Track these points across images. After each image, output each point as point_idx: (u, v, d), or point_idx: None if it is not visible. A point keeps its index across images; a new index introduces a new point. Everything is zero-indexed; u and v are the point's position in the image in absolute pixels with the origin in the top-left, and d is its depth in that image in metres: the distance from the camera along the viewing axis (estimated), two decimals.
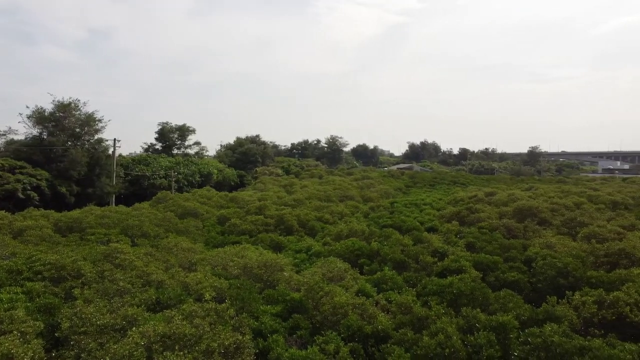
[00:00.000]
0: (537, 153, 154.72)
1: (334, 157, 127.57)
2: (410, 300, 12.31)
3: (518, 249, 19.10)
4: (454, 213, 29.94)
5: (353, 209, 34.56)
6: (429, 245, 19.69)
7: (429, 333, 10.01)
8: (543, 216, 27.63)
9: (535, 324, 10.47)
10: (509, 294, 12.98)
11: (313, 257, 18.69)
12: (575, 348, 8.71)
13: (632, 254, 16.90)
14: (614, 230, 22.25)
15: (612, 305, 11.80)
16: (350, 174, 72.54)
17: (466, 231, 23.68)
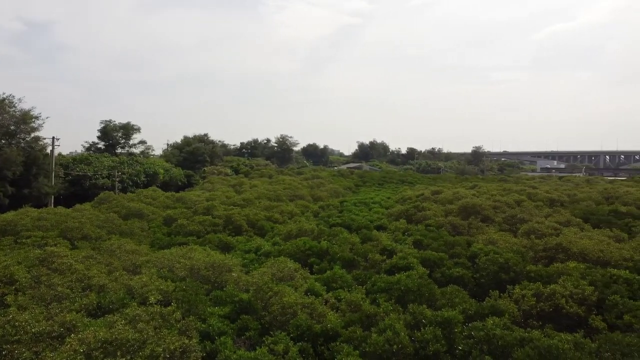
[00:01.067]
0: (481, 153, 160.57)
1: (284, 157, 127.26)
2: (359, 298, 12.40)
3: (463, 246, 19.68)
4: (402, 211, 30.52)
5: (303, 208, 34.57)
6: (377, 244, 19.96)
7: (378, 330, 10.12)
8: (486, 213, 28.63)
9: (479, 318, 10.80)
10: (455, 289, 13.34)
11: (262, 257, 18.52)
12: (516, 340, 9.04)
13: (568, 249, 17.78)
14: (552, 226, 23.38)
15: (550, 297, 12.36)
16: (301, 173, 72.58)
17: (414, 229, 24.18)
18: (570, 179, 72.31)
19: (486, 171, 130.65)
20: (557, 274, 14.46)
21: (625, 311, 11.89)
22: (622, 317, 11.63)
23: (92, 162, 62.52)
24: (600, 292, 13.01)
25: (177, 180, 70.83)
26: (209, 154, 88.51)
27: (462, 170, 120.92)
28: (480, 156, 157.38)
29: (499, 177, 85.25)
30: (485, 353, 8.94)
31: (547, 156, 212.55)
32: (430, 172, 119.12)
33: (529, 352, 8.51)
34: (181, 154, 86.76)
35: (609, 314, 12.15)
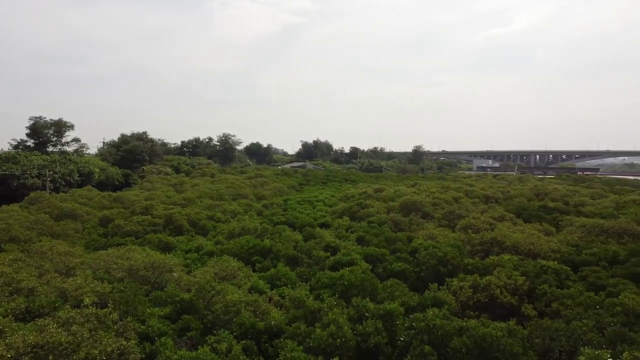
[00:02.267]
0: (421, 152, 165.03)
1: (227, 156, 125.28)
2: (303, 294, 12.42)
3: (404, 241, 20.15)
4: (345, 209, 30.85)
5: (246, 207, 34.21)
6: (321, 241, 20.06)
7: (321, 325, 10.18)
8: (426, 210, 29.47)
9: (420, 310, 11.10)
10: (396, 282, 13.65)
11: (205, 257, 18.17)
12: (454, 329, 9.37)
13: (502, 242, 18.63)
14: (487, 221, 24.40)
15: (485, 288, 12.90)
16: (244, 172, 71.76)
17: (357, 226, 24.51)
18: (504, 177, 75.90)
19: (426, 170, 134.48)
20: (492, 266, 15.11)
21: (553, 299, 12.61)
22: (551, 305, 12.33)
23: (20, 160, 58.91)
24: (531, 282, 13.72)
25: (114, 179, 68.11)
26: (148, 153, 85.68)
27: (403, 169, 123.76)
28: (421, 155, 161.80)
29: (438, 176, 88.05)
30: (426, 343, 9.20)
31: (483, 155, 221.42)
32: (372, 170, 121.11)
33: (465, 340, 8.84)
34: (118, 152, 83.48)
35: (539, 302, 12.84)
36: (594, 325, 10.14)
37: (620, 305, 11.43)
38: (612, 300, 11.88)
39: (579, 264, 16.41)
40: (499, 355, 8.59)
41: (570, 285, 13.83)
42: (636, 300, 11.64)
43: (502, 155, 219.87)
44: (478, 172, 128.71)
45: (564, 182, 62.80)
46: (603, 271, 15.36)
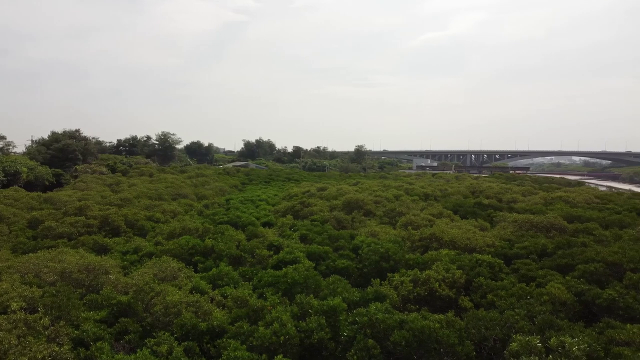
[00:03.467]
0: (363, 151, 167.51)
1: (166, 155, 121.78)
2: (246, 293, 12.30)
3: (346, 239, 20.40)
4: (288, 207, 30.83)
5: (187, 207, 33.42)
6: (264, 239, 19.97)
7: (265, 323, 10.12)
8: (368, 208, 29.99)
9: (363, 305, 11.26)
10: (339, 279, 13.80)
11: (144, 258, 17.57)
12: (396, 322, 9.58)
13: (441, 238, 19.26)
14: (426, 218, 25.16)
15: (425, 282, 13.28)
16: (184, 171, 70.08)
17: (300, 224, 24.55)
18: (442, 176, 78.54)
19: (368, 169, 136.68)
20: (431, 260, 15.59)
21: (488, 291, 13.18)
22: (486, 297, 12.87)
23: None
24: (468, 275, 14.27)
25: (43, 179, 64.51)
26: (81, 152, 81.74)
27: (345, 168, 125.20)
28: (363, 155, 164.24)
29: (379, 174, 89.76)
30: (368, 337, 9.35)
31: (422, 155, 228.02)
32: (315, 170, 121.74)
33: (405, 333, 9.06)
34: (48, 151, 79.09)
35: (475, 294, 13.38)
36: (525, 314, 10.67)
37: (548, 294, 12.12)
38: (541, 290, 12.57)
39: (512, 257, 17.25)
40: (437, 346, 8.88)
41: (503, 278, 14.51)
42: (562, 290, 12.39)
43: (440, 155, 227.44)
44: (418, 171, 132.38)
45: (497, 180, 65.78)
46: (533, 263, 16.21)
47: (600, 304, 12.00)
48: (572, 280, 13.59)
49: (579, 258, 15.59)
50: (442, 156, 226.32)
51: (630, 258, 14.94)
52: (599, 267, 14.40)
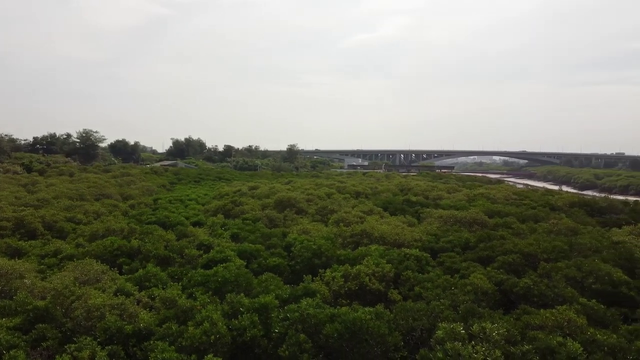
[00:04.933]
0: (295, 151, 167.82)
1: (89, 154, 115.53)
2: (175, 294, 11.94)
3: (279, 237, 20.35)
4: (219, 207, 30.29)
5: (111, 207, 31.90)
6: (194, 239, 19.50)
7: (194, 323, 9.88)
8: (300, 206, 30.08)
9: (294, 301, 11.28)
10: (271, 277, 13.75)
11: (65, 261, 16.59)
12: (327, 316, 9.69)
13: (371, 234, 19.68)
14: (357, 215, 25.65)
15: (356, 277, 13.52)
16: (108, 171, 66.93)
17: (231, 223, 24.19)
18: (373, 175, 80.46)
19: (300, 168, 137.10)
20: (362, 256, 15.89)
21: (415, 283, 13.64)
22: (414, 289, 13.31)
23: None
24: (397, 269, 14.69)
25: None
26: None
27: (278, 167, 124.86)
28: (295, 154, 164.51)
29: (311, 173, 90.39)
30: (300, 332, 9.38)
31: (354, 154, 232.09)
32: (247, 169, 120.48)
33: (337, 326, 9.19)
34: None
35: (403, 287, 13.80)
36: (449, 304, 11.16)
37: (471, 285, 12.74)
38: (464, 281, 13.19)
39: (437, 250, 17.96)
40: (368, 337, 9.07)
41: (430, 270, 15.09)
42: (483, 280, 13.07)
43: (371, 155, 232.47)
44: (349, 170, 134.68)
45: (424, 178, 68.36)
46: (457, 256, 16.98)
47: (517, 292, 12.77)
48: (492, 271, 14.37)
49: (498, 250, 16.50)
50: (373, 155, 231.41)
51: (543, 249, 16.03)
52: (516, 258, 15.32)
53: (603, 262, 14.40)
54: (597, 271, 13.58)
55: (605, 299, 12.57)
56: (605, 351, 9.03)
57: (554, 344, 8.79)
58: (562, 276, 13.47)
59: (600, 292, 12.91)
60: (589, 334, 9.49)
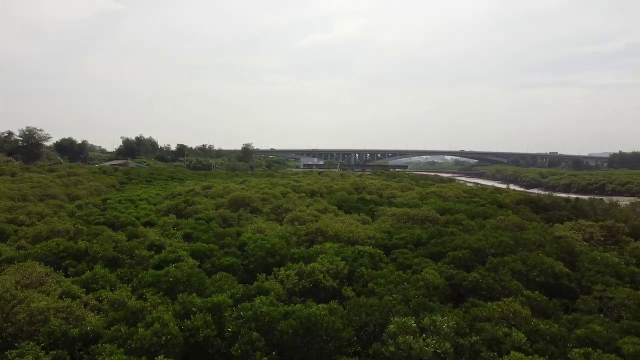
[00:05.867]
0: (250, 150, 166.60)
1: (32, 153, 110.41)
2: (124, 295, 11.62)
3: (233, 236, 20.12)
4: (171, 206, 29.67)
5: (56, 208, 30.61)
6: (145, 239, 19.02)
7: (145, 324, 9.65)
8: (255, 205, 29.87)
9: (248, 300, 11.19)
10: (224, 276, 13.59)
11: (4, 264, 15.78)
12: (281, 314, 9.67)
13: (325, 232, 19.77)
14: (312, 213, 25.73)
15: (310, 274, 13.56)
16: (53, 170, 64.25)
17: (184, 223, 23.74)
18: (328, 174, 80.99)
19: (255, 167, 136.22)
20: (316, 254, 15.94)
21: (369, 280, 13.81)
22: (367, 285, 13.48)
23: None
24: (351, 266, 14.83)
25: None
26: None
27: (232, 167, 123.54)
28: (250, 153, 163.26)
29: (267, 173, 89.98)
30: (253, 330, 9.32)
31: (309, 154, 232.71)
32: (201, 168, 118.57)
33: (291, 322, 9.19)
34: None
35: (357, 283, 13.95)
36: (402, 298, 11.37)
37: (422, 280, 13.02)
38: (416, 277, 13.47)
39: (391, 247, 18.24)
40: (322, 332, 9.12)
41: (383, 267, 15.32)
42: (434, 275, 13.39)
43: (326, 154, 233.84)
44: (305, 169, 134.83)
45: (379, 177, 69.38)
46: (409, 252, 17.30)
47: (466, 286, 13.16)
48: (443, 266, 14.75)
49: (449, 246, 16.94)
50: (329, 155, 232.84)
51: (491, 244, 16.59)
52: (465, 253, 15.78)
53: (546, 256, 15.03)
54: (540, 264, 14.17)
55: (548, 290, 13.17)
56: (547, 340, 9.46)
57: (500, 334, 9.13)
58: (509, 270, 13.97)
59: (544, 284, 13.50)
60: (533, 324, 9.92)
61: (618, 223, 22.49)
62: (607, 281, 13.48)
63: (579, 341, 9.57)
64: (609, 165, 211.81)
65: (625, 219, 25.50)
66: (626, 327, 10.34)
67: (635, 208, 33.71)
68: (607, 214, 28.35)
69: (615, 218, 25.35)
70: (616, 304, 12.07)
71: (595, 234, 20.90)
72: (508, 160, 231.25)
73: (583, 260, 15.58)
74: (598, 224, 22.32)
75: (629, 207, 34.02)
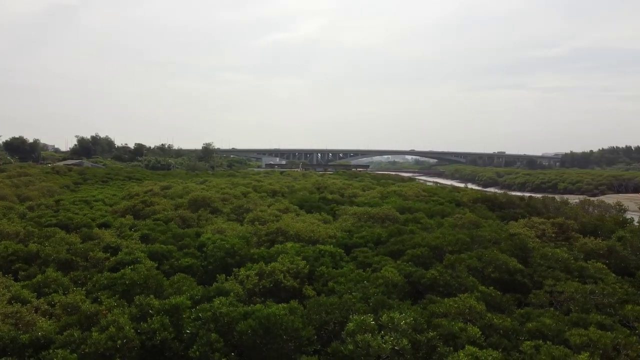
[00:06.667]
0: (211, 150, 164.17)
1: None
2: (78, 299, 11.30)
3: (192, 237, 19.81)
4: (128, 207, 28.97)
5: (5, 209, 29.33)
6: (100, 241, 18.49)
7: (99, 328, 9.39)
8: (215, 205, 29.51)
9: (207, 301, 11.05)
10: (182, 277, 13.38)
11: None
12: (240, 314, 9.61)
13: (286, 231, 19.75)
14: (273, 213, 25.66)
15: (270, 274, 13.51)
16: (3, 170, 61.66)
17: (141, 224, 23.22)
18: (290, 173, 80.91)
19: (216, 167, 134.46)
20: (277, 253, 15.89)
21: (329, 279, 13.90)
22: (327, 284, 13.55)
23: None
24: (312, 266, 14.87)
25: None
26: None
27: (193, 167, 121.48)
28: (211, 153, 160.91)
29: (228, 173, 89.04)
30: (212, 331, 9.22)
31: (271, 154, 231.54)
32: (160, 168, 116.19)
33: (251, 322, 9.14)
34: None
35: (317, 282, 14.01)
36: (361, 297, 11.49)
37: (382, 278, 13.19)
38: (376, 275, 13.64)
39: (351, 246, 18.40)
40: (282, 332, 9.10)
41: (343, 265, 15.45)
42: (393, 273, 13.58)
43: (288, 154, 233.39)
44: (267, 169, 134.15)
45: (341, 177, 69.82)
46: (370, 251, 17.50)
47: (424, 283, 13.43)
48: (402, 264, 14.99)
49: (408, 244, 17.23)
50: (291, 155, 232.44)
51: (448, 242, 16.98)
52: (424, 251, 16.08)
53: (501, 253, 15.50)
54: (495, 261, 14.61)
55: (502, 286, 13.60)
56: (501, 334, 9.77)
57: (456, 329, 9.37)
58: (465, 266, 14.33)
59: (498, 280, 13.93)
60: (487, 319, 10.22)
61: (568, 220, 23.46)
62: (557, 276, 14.03)
63: (530, 334, 9.92)
64: (561, 165, 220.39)
65: (575, 216, 26.66)
66: (574, 319, 10.79)
67: (584, 206, 35.26)
68: (559, 212, 29.53)
69: (566, 215, 26.44)
70: (565, 298, 12.59)
71: (547, 231, 21.70)
72: (466, 160, 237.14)
73: (535, 256, 16.15)
74: (550, 221, 23.19)
75: (579, 205, 35.51)
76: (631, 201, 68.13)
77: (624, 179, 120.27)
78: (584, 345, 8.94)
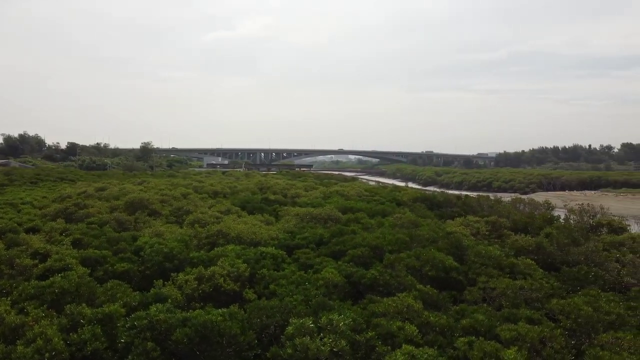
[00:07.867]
0: (150, 149, 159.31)
1: None
2: (2, 310, 10.59)
3: (128, 241, 19.11)
4: (59, 210, 27.52)
5: None
6: (27, 247, 17.45)
7: (25, 341, 8.87)
8: (154, 207, 28.62)
9: (143, 308, 10.70)
10: (116, 284, 12.88)
11: None
12: (178, 321, 9.37)
13: (227, 234, 19.44)
14: (214, 215, 25.20)
15: (210, 278, 13.27)
16: None
17: (73, 228, 22.14)
18: (232, 173, 79.88)
19: (155, 167, 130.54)
20: (217, 257, 15.62)
21: (270, 281, 13.81)
22: (269, 287, 13.47)
23: None
24: (252, 268, 14.73)
25: None
26: None
27: (130, 167, 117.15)
28: (150, 152, 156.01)
29: (168, 173, 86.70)
30: (148, 340, 8.94)
31: (214, 153, 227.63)
32: (95, 168, 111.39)
33: (187, 330, 8.93)
34: None
35: (258, 285, 13.88)
36: (302, 299, 11.51)
37: (322, 279, 13.28)
38: (317, 276, 13.70)
39: (293, 247, 18.38)
40: (220, 338, 8.96)
41: (285, 267, 15.39)
42: (334, 274, 13.71)
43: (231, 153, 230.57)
44: (208, 169, 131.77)
45: (284, 177, 69.66)
46: (311, 252, 17.56)
47: (365, 283, 13.63)
48: (343, 264, 15.15)
49: (349, 244, 17.44)
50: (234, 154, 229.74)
51: (388, 242, 17.34)
52: (364, 251, 16.34)
53: (438, 251, 16.00)
54: (432, 259, 15.06)
55: (439, 283, 14.05)
56: (437, 331, 10.08)
57: (394, 328, 9.57)
58: (404, 266, 14.69)
59: (435, 278, 14.37)
60: (424, 317, 10.51)
61: (501, 218, 24.58)
62: (490, 273, 14.66)
63: (464, 330, 10.30)
64: (495, 164, 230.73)
65: (508, 214, 27.96)
66: (506, 314, 11.31)
67: (516, 204, 37.03)
68: (492, 210, 30.87)
69: (499, 213, 27.68)
70: (497, 294, 13.17)
71: (481, 229, 22.64)
72: (407, 160, 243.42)
73: (470, 254, 16.79)
74: (484, 219, 24.21)
75: (511, 203, 37.27)
76: (558, 198, 72.64)
77: (552, 177, 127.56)
78: (513, 339, 9.38)
